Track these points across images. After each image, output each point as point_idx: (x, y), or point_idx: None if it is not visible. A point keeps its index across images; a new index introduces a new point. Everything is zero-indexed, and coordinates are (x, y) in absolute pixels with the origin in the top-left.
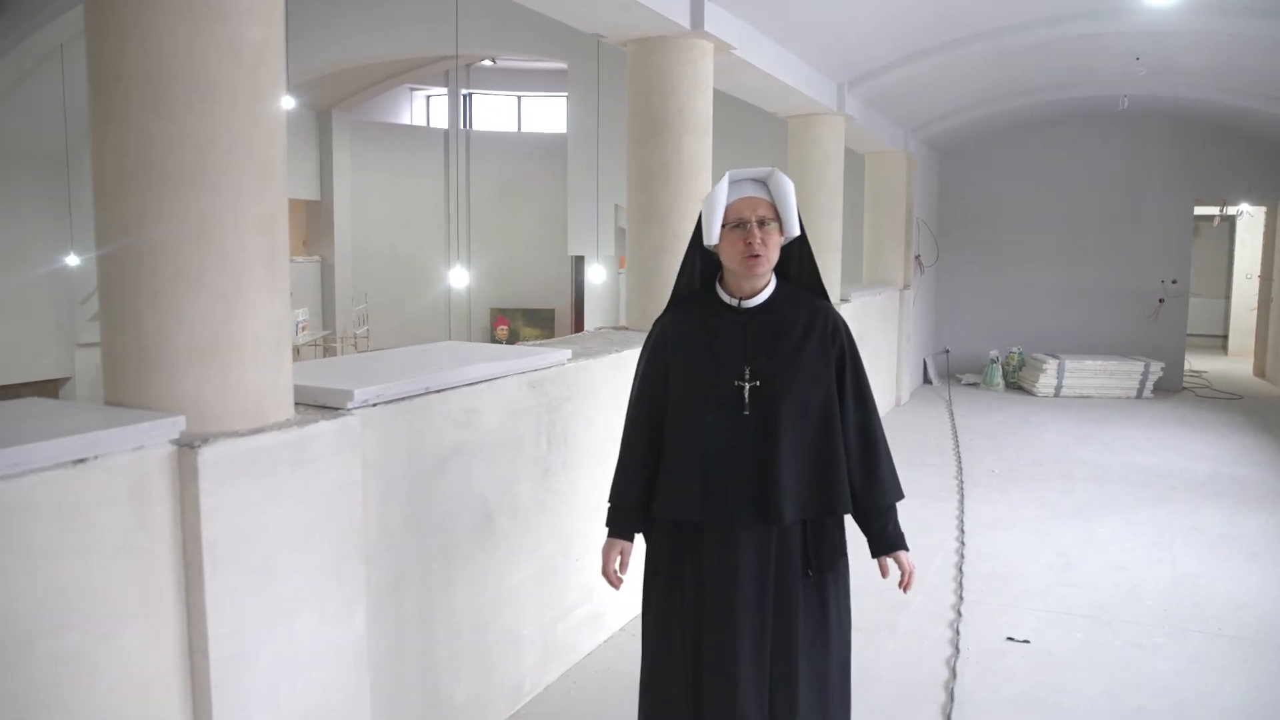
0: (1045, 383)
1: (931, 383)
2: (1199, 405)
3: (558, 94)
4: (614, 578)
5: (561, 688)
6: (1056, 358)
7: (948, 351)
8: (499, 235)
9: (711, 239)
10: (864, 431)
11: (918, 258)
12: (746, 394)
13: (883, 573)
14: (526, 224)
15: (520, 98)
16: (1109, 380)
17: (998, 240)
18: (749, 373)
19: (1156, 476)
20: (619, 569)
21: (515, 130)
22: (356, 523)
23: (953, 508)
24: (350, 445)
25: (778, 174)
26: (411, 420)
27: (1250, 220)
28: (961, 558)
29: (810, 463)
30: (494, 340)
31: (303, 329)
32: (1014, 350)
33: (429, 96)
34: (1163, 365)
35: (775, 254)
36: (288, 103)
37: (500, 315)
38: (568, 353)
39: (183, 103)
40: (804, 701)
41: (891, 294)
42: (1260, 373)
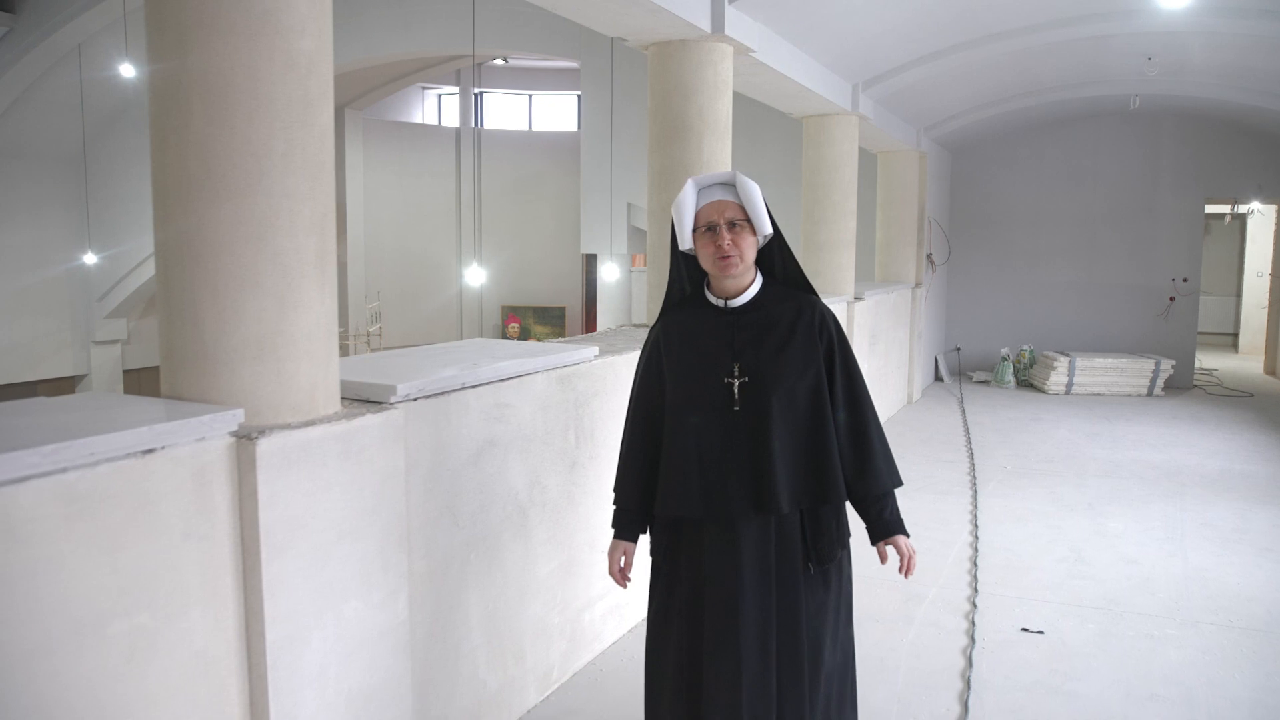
0: (1056, 380)
1: (943, 380)
2: (1210, 403)
3: (568, 93)
4: (619, 577)
5: (588, 675)
6: (1067, 355)
7: (959, 349)
8: (510, 234)
9: (684, 243)
10: (854, 421)
11: (929, 256)
12: (736, 390)
13: (881, 558)
14: (537, 222)
15: (531, 96)
16: (1120, 378)
17: (1009, 238)
18: (738, 369)
19: (1167, 473)
20: (623, 568)
21: (526, 129)
22: (400, 512)
23: (966, 502)
24: (394, 437)
25: (741, 177)
26: (449, 414)
27: (1261, 218)
28: (975, 551)
29: (802, 454)
30: (504, 338)
31: None
32: (1025, 348)
33: (440, 95)
34: (1173, 363)
35: (750, 253)
36: None
37: (511, 313)
38: (595, 349)
39: (243, 114)
40: (811, 698)
41: (904, 292)
42: (1271, 370)
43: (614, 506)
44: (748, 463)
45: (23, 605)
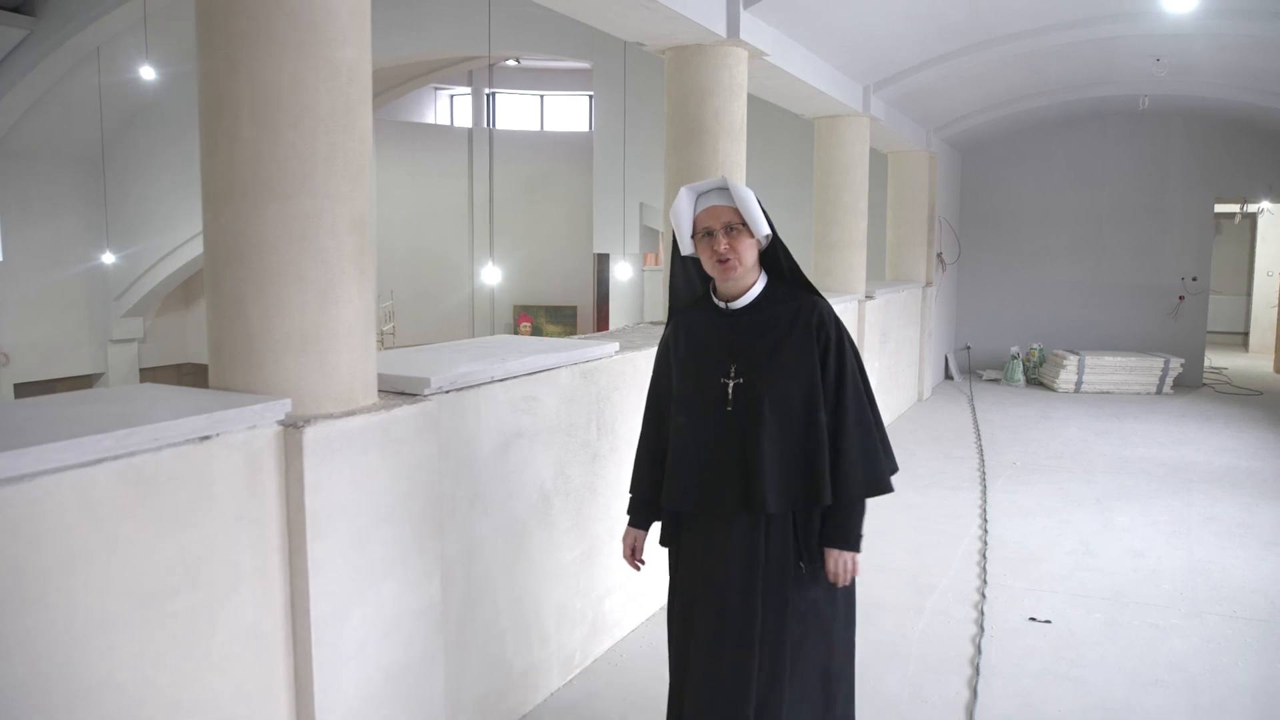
0: (1066, 378)
1: (953, 378)
2: (1219, 401)
3: (579, 93)
4: (630, 560)
5: (609, 660)
6: (1077, 354)
7: (969, 348)
8: (522, 233)
9: (685, 249)
10: (836, 424)
11: (940, 255)
12: (730, 391)
13: (822, 560)
14: (549, 222)
15: (543, 97)
16: (1129, 376)
17: (1019, 237)
18: (734, 370)
19: (1175, 469)
20: (635, 555)
21: (538, 129)
22: (433, 499)
23: (975, 497)
24: (428, 428)
25: (733, 182)
26: (479, 406)
27: (1271, 218)
28: (985, 544)
29: (794, 455)
30: None
31: None
32: (1035, 346)
33: (453, 96)
34: (1183, 361)
35: (748, 255)
36: None
37: (523, 312)
38: (615, 345)
39: (288, 120)
40: (793, 695)
41: (914, 291)
42: None
43: (629, 494)
44: (738, 462)
45: (97, 580)
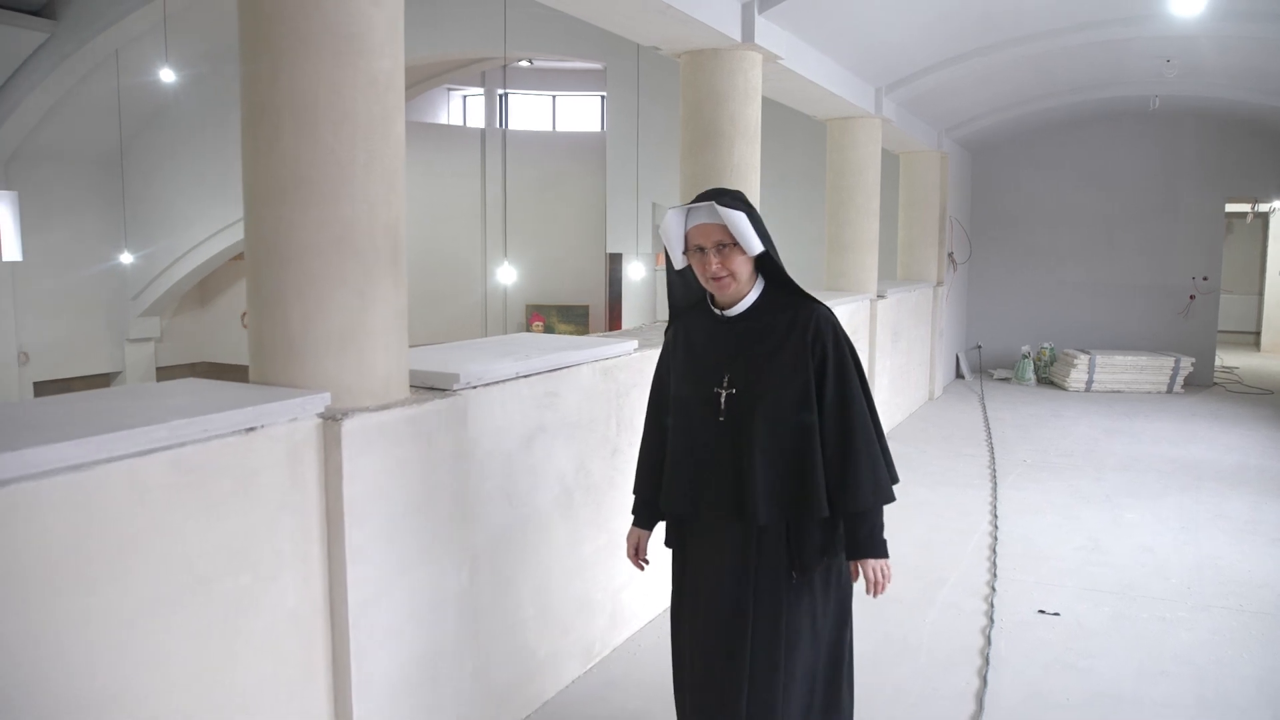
0: (1076, 377)
1: (964, 378)
2: (1229, 400)
3: (592, 94)
4: (634, 560)
5: (627, 650)
6: (1087, 353)
7: (979, 347)
8: (534, 233)
9: (678, 264)
10: (843, 435)
11: (951, 255)
12: (723, 400)
13: (852, 576)
14: (561, 222)
15: (555, 97)
16: (1140, 375)
17: (1030, 237)
18: (727, 380)
19: (1184, 467)
20: (638, 554)
21: (550, 129)
22: (461, 491)
23: (986, 494)
24: (458, 422)
25: (718, 208)
26: (505, 401)
27: None
28: (995, 539)
29: (786, 465)
30: None
31: None
32: (1045, 346)
33: (466, 96)
34: (1193, 360)
35: (742, 269)
36: None
37: (535, 311)
38: (634, 343)
39: (329, 127)
40: (787, 700)
41: (926, 291)
42: None
43: (633, 495)
44: (730, 472)
45: (149, 564)
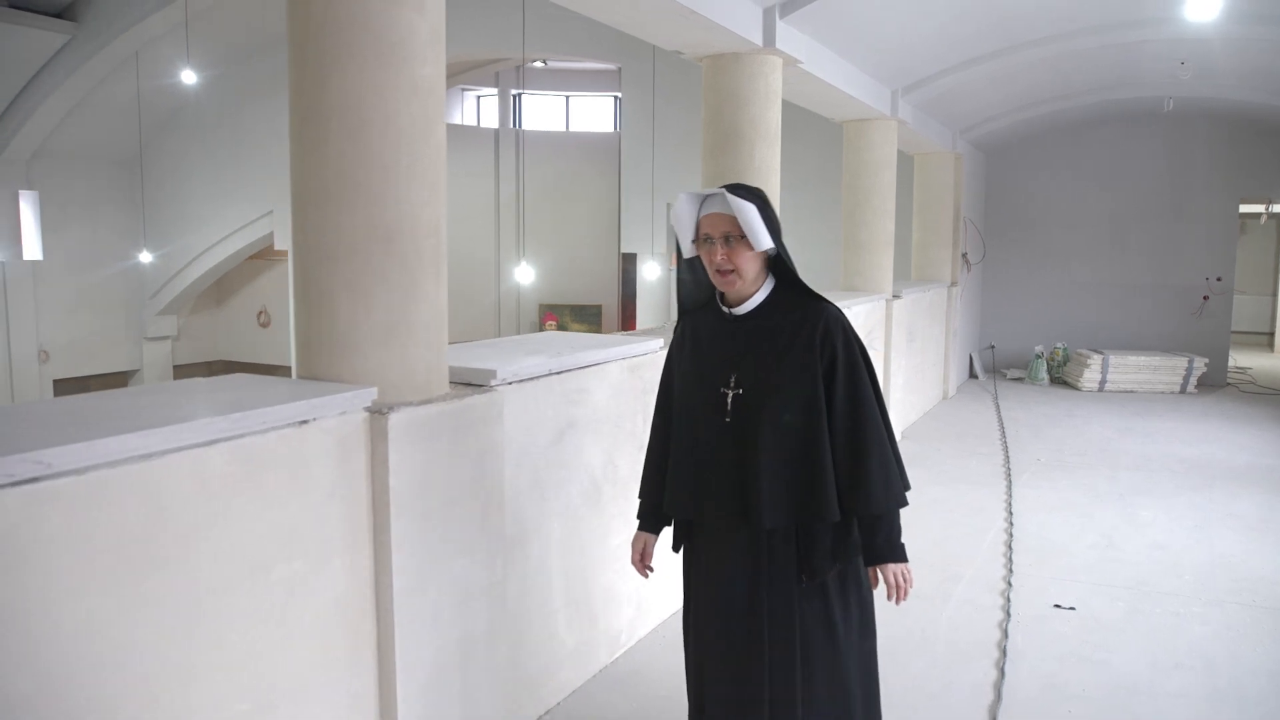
0: (1089, 377)
1: (977, 377)
2: (1242, 400)
3: (605, 94)
4: (639, 566)
5: (652, 641)
6: (1101, 353)
7: (993, 347)
8: (547, 233)
9: (687, 252)
10: (853, 437)
11: (965, 255)
12: (729, 401)
13: (872, 582)
14: (574, 222)
15: (568, 98)
16: (1153, 375)
17: (1043, 238)
18: (734, 380)
19: (1197, 466)
20: (643, 559)
21: (563, 129)
22: (499, 482)
23: (1001, 492)
24: (495, 417)
25: (729, 196)
26: (538, 397)
27: None
28: (1010, 536)
29: (794, 468)
30: None
31: None
32: (1059, 345)
33: (479, 97)
34: (1206, 361)
35: (748, 266)
36: None
37: (549, 311)
38: (660, 341)
39: (375, 131)
40: (807, 707)
41: (940, 291)
42: None
43: (639, 499)
44: (735, 475)
45: (211, 549)
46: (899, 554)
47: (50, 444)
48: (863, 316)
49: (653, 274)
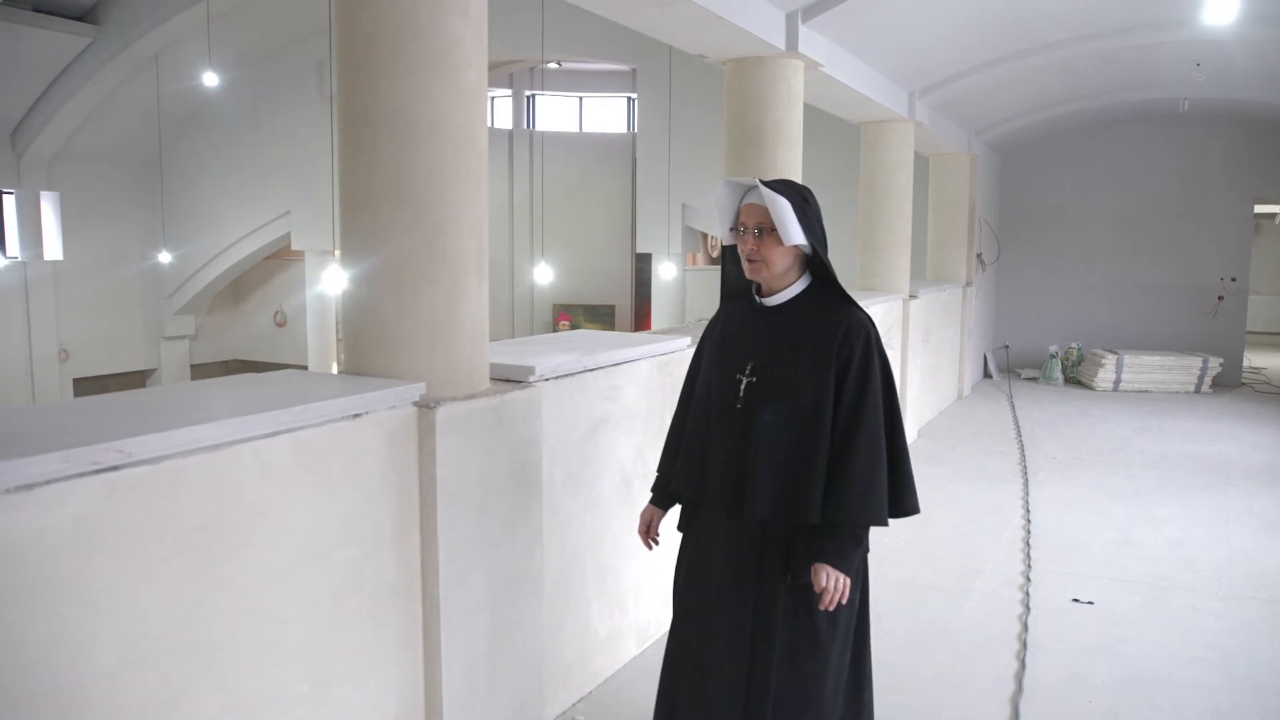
0: (1104, 377)
1: (991, 377)
2: (1257, 400)
3: (618, 95)
4: (644, 537)
5: None
6: (1115, 353)
7: (1007, 347)
8: (561, 233)
9: (725, 240)
10: (844, 443)
11: (979, 256)
12: (742, 388)
13: (814, 583)
14: (587, 222)
15: (582, 99)
16: (1167, 375)
17: (1058, 238)
18: (750, 368)
19: (1213, 465)
20: (649, 532)
21: (576, 130)
22: (537, 475)
23: (1017, 490)
24: (534, 411)
25: (764, 189)
26: (573, 393)
27: None
28: (1028, 532)
29: (790, 465)
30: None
31: None
32: (1073, 345)
33: (493, 97)
34: (1221, 361)
35: (777, 260)
36: None
37: (562, 311)
38: (687, 339)
39: (423, 136)
40: (780, 708)
41: (955, 291)
42: None
43: (656, 473)
44: (736, 461)
45: (272, 535)
46: (844, 563)
47: (128, 434)
48: (880, 316)
49: (669, 274)
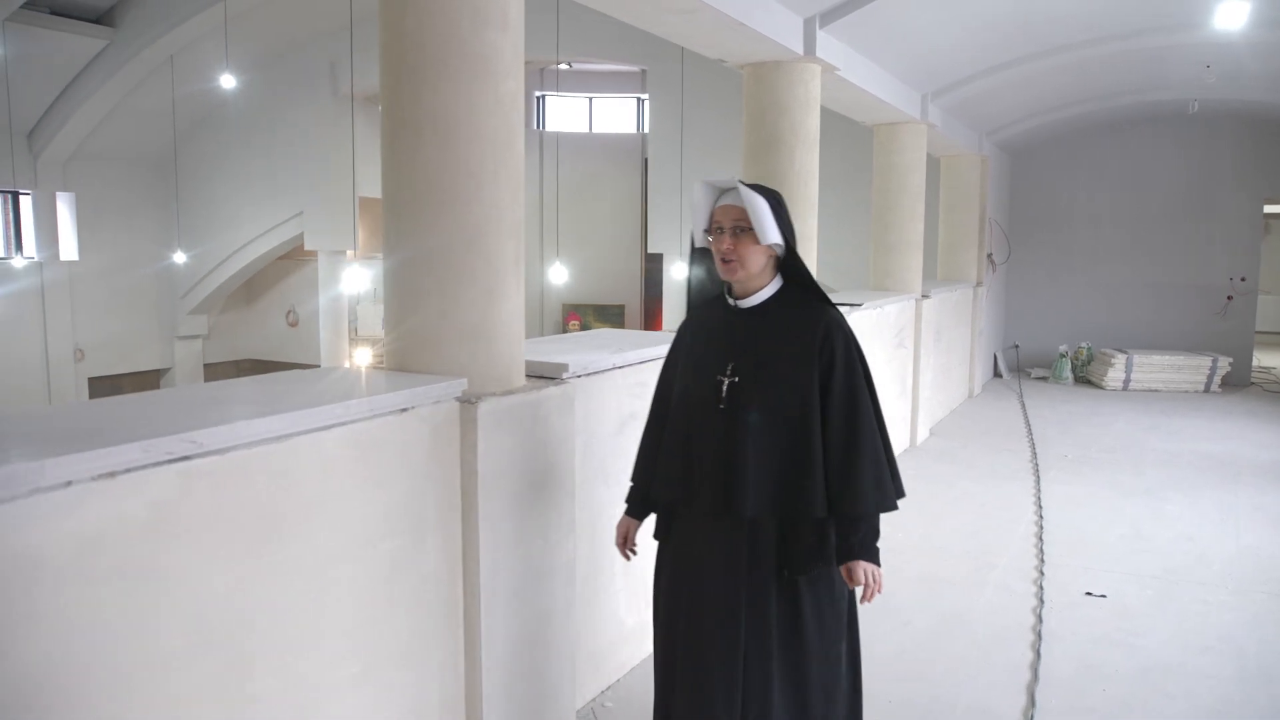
0: (1114, 376)
1: (1001, 376)
2: (1266, 399)
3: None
4: (621, 548)
5: None
6: (1125, 352)
7: (1017, 346)
8: (569, 233)
9: (699, 241)
10: (847, 439)
11: (990, 256)
12: (724, 390)
13: (846, 580)
14: (597, 222)
15: (592, 100)
16: (1177, 374)
17: (1067, 238)
18: (731, 369)
19: (1222, 462)
20: (626, 543)
21: (586, 131)
22: (570, 468)
23: (1029, 487)
24: (568, 407)
25: (742, 188)
26: (603, 390)
27: None
28: (1041, 528)
29: (781, 463)
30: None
31: None
32: (1083, 345)
33: None
34: (1230, 360)
35: (752, 260)
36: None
37: (572, 310)
38: None
39: (463, 141)
40: (782, 704)
41: (966, 291)
42: None
43: (630, 483)
44: (722, 461)
45: (327, 523)
46: (872, 555)
47: (198, 426)
48: (893, 316)
49: (681, 274)
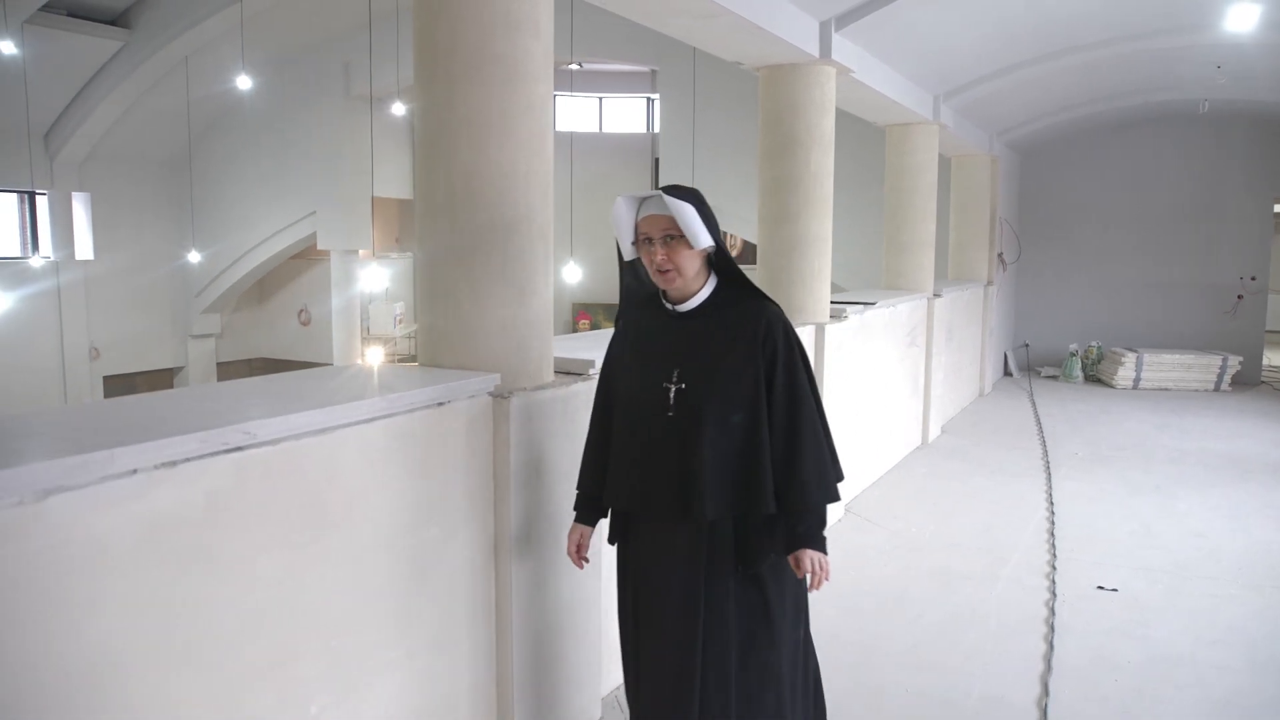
0: (1124, 375)
1: (1012, 375)
2: (1276, 398)
3: (638, 95)
4: (574, 557)
5: None
6: (1135, 351)
7: (1028, 345)
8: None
9: (626, 254)
10: (789, 433)
11: (1000, 255)
12: (672, 396)
13: (795, 569)
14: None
15: (601, 99)
16: (1187, 373)
17: (1078, 238)
18: (676, 375)
19: (1232, 460)
20: (578, 551)
21: (596, 130)
22: None
23: (1040, 484)
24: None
25: (667, 197)
26: None
27: None
28: (1052, 524)
29: (734, 463)
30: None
31: (399, 321)
32: (1093, 344)
33: None
34: (1240, 359)
35: (687, 265)
36: (398, 109)
37: (582, 309)
38: None
39: (495, 144)
40: (741, 697)
41: (976, 290)
42: None
43: (576, 491)
44: (677, 468)
45: (369, 512)
46: (819, 544)
47: (252, 417)
48: (905, 315)
49: None
